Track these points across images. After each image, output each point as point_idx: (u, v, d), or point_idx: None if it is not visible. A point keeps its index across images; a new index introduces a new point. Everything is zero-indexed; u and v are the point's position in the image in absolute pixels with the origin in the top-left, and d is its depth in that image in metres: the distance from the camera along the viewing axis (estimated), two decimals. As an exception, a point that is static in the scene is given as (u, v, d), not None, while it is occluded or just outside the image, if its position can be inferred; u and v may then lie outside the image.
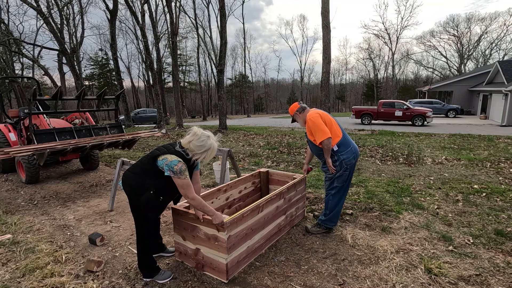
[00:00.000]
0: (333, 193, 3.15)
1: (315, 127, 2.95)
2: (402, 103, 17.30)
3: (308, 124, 3.01)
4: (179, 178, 2.15)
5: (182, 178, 2.16)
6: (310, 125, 2.99)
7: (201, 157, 2.23)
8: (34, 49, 26.13)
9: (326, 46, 11.32)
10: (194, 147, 2.19)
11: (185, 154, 2.23)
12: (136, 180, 2.28)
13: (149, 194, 2.22)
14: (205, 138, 2.20)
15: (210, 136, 2.24)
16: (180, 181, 2.16)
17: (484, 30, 40.61)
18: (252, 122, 21.32)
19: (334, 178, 3.11)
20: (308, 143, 3.28)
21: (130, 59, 64.99)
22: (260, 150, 8.62)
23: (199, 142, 2.18)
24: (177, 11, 23.30)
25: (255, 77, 60.50)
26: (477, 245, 2.93)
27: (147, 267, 2.46)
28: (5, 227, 3.59)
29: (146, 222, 2.40)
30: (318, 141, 2.94)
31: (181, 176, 2.15)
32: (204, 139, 2.19)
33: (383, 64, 49.15)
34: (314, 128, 2.96)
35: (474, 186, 4.72)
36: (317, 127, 2.94)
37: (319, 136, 2.93)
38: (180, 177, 2.15)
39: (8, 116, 6.97)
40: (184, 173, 2.16)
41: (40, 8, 18.05)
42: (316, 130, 2.94)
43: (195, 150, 2.20)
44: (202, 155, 2.22)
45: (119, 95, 6.16)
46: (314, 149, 3.17)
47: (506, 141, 9.62)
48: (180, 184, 2.18)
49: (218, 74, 14.97)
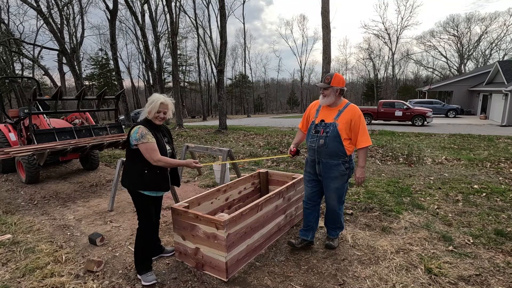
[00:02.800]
0: (342, 208, 2.86)
1: (364, 127, 2.59)
2: (402, 103, 17.30)
3: (357, 119, 2.55)
4: (142, 144, 2.20)
5: (144, 142, 2.20)
6: (360, 122, 2.56)
7: (152, 110, 2.30)
8: (34, 49, 26.15)
9: (326, 46, 11.32)
10: (146, 107, 2.34)
11: (145, 121, 2.34)
12: (129, 171, 2.38)
13: (145, 175, 2.30)
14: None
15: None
16: (143, 146, 2.21)
17: (484, 30, 40.63)
18: (252, 122, 21.31)
19: (343, 192, 2.76)
20: (318, 137, 2.65)
21: (130, 59, 64.98)
22: (260, 150, 8.61)
23: (148, 102, 2.35)
24: (177, 11, 23.31)
25: (255, 77, 60.62)
26: (477, 245, 2.93)
27: (141, 263, 2.47)
28: (5, 227, 3.59)
29: (150, 220, 2.45)
30: (365, 144, 2.57)
31: (143, 140, 2.20)
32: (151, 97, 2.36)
33: (383, 64, 49.18)
34: (363, 128, 2.57)
35: (474, 186, 4.72)
36: (366, 128, 2.61)
37: (365, 138, 2.57)
38: (142, 141, 2.20)
39: (8, 116, 6.97)
40: (146, 137, 2.21)
41: (40, 8, 18.05)
42: (364, 131, 2.58)
43: (147, 108, 2.32)
44: (152, 108, 2.30)
45: (119, 95, 6.16)
46: (333, 146, 2.59)
47: (506, 141, 9.61)
48: (143, 149, 2.22)
49: (218, 74, 14.98)
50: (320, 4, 11.08)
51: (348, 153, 2.62)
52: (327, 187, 2.74)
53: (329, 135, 2.60)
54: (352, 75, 61.25)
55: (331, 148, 2.60)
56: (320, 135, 2.65)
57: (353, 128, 2.58)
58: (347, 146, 2.61)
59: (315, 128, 2.70)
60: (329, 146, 2.61)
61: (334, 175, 2.66)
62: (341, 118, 2.59)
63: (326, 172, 2.69)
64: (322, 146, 2.63)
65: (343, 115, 2.60)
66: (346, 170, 2.66)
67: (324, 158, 2.66)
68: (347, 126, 2.57)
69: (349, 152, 2.63)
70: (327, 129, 2.62)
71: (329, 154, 2.63)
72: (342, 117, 2.59)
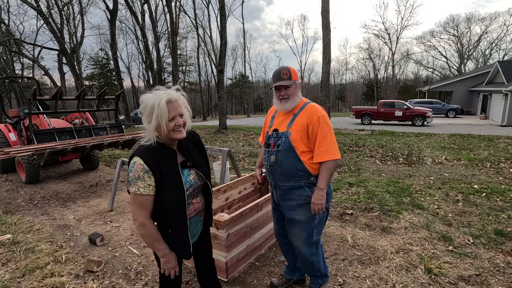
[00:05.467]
0: (315, 252, 2.03)
1: (330, 134, 1.86)
2: (402, 103, 17.31)
3: (316, 122, 1.84)
4: (131, 190, 1.37)
5: (131, 190, 1.37)
6: (319, 126, 1.84)
7: (161, 121, 1.34)
8: (34, 49, 26.14)
9: (326, 46, 11.32)
10: (149, 122, 1.37)
11: (151, 149, 1.40)
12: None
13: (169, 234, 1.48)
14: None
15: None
16: (131, 194, 1.38)
17: (484, 30, 40.63)
18: (252, 122, 21.31)
19: (314, 226, 1.97)
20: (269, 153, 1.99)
21: (130, 59, 64.87)
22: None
23: (146, 112, 1.38)
24: (177, 11, 23.30)
25: (255, 77, 60.68)
26: (477, 245, 2.93)
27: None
28: (5, 227, 3.59)
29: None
30: (324, 157, 1.83)
31: (130, 188, 1.37)
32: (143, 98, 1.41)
33: (383, 64, 49.18)
34: (323, 134, 1.84)
35: (474, 186, 4.72)
36: (332, 136, 1.87)
37: (325, 149, 1.83)
38: (129, 188, 1.38)
39: (8, 116, 6.98)
40: (137, 183, 1.35)
41: (40, 8, 18.07)
42: (325, 139, 1.84)
43: (152, 123, 1.35)
44: (158, 117, 1.33)
45: (119, 95, 6.16)
46: (288, 163, 1.90)
47: (506, 141, 9.61)
48: (131, 198, 1.39)
49: (218, 74, 14.98)
50: (320, 4, 11.08)
51: (312, 171, 1.90)
52: (288, 221, 2.03)
53: (280, 149, 1.92)
54: (352, 75, 61.46)
55: (285, 167, 1.91)
56: (271, 150, 1.98)
57: (311, 136, 1.87)
58: (308, 162, 1.89)
59: (267, 141, 2.05)
60: (282, 164, 1.92)
61: (295, 203, 1.95)
62: (295, 124, 1.90)
63: (283, 200, 2.01)
64: (275, 165, 1.96)
65: (297, 119, 1.90)
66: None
67: (280, 180, 1.98)
68: (303, 134, 1.87)
69: (314, 171, 1.91)
70: (279, 141, 1.94)
71: (284, 175, 1.94)
72: (296, 122, 1.90)
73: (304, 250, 2.00)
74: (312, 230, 1.97)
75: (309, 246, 1.99)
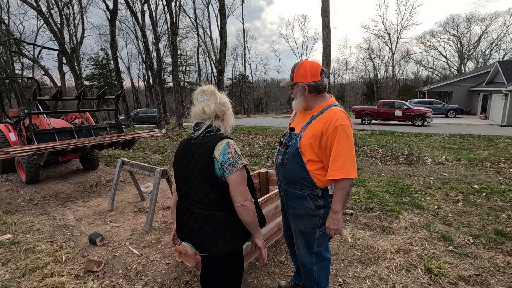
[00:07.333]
0: (315, 261, 1.88)
1: (348, 148, 1.60)
2: (402, 103, 17.30)
3: (332, 133, 1.60)
4: (238, 171, 1.38)
5: (240, 163, 1.39)
6: (335, 138, 1.59)
7: (229, 121, 1.53)
8: (34, 49, 26.18)
9: (326, 46, 11.32)
10: (220, 110, 1.47)
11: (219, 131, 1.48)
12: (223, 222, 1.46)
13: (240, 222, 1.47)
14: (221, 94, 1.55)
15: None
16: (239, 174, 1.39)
17: (484, 30, 40.64)
18: (252, 122, 21.30)
19: (314, 240, 1.82)
20: (278, 152, 1.88)
21: (130, 59, 64.93)
22: (260, 150, 8.61)
23: (222, 99, 1.49)
24: (177, 11, 23.29)
25: (255, 77, 60.61)
26: (477, 245, 2.93)
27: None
28: (5, 227, 3.59)
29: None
30: (338, 175, 1.59)
31: (237, 164, 1.39)
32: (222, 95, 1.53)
33: (383, 64, 49.21)
34: (345, 149, 1.59)
35: (474, 186, 4.72)
36: (350, 151, 1.61)
37: (347, 167, 1.58)
38: (237, 165, 1.39)
39: (8, 116, 6.98)
40: (241, 157, 1.42)
41: (40, 8, 18.09)
42: (348, 155, 1.60)
43: (228, 115, 1.51)
44: (228, 118, 1.52)
45: (119, 95, 6.16)
46: (292, 168, 1.75)
47: (506, 141, 9.61)
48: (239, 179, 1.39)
49: (218, 74, 14.99)
50: (320, 4, 11.09)
51: (318, 183, 1.70)
52: (292, 226, 1.92)
53: (288, 151, 1.76)
54: (352, 75, 61.39)
55: (289, 171, 1.76)
56: (280, 150, 1.85)
57: (324, 146, 1.64)
58: (315, 172, 1.69)
59: (281, 139, 1.92)
60: (286, 167, 1.78)
61: (297, 212, 1.81)
62: (309, 129, 1.70)
63: (288, 205, 1.88)
64: (280, 166, 1.84)
65: (314, 123, 1.70)
66: (317, 210, 1.74)
67: (284, 183, 1.85)
68: (314, 142, 1.66)
69: (321, 183, 1.70)
70: (289, 142, 1.78)
71: (288, 180, 1.80)
72: (311, 127, 1.70)
73: (305, 258, 1.89)
74: (313, 242, 1.83)
75: (309, 255, 1.88)
